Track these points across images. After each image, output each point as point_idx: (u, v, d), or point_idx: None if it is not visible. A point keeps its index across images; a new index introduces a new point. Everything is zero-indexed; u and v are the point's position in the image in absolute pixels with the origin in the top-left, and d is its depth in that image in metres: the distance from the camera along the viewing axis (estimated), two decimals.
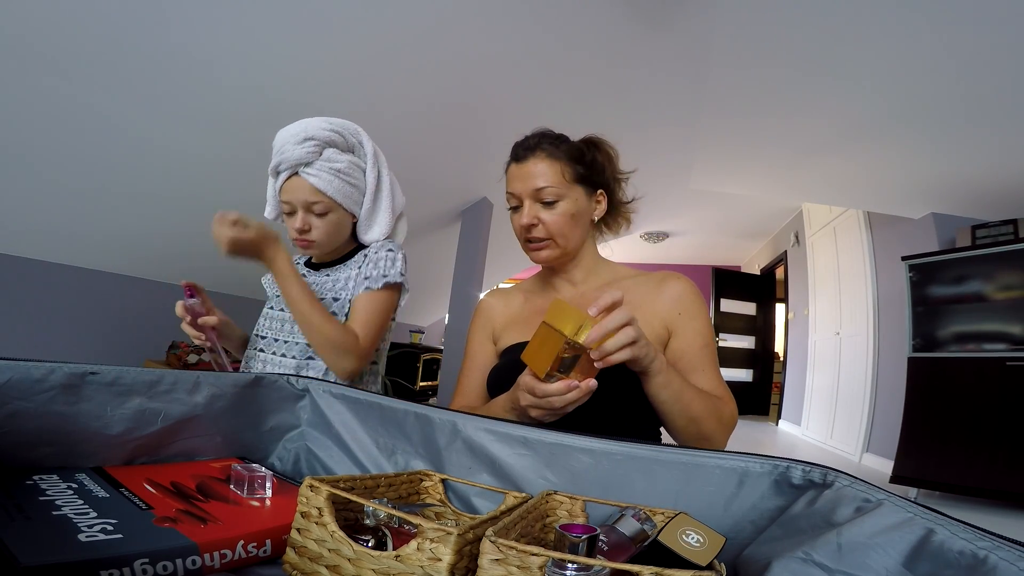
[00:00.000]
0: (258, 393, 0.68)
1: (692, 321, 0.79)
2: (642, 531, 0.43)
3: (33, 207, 2.17)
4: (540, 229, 0.81)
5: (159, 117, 2.08)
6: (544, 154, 0.81)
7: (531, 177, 0.80)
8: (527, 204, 0.81)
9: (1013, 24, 1.83)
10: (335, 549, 0.40)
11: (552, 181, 0.80)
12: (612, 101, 2.81)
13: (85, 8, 1.61)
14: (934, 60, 2.09)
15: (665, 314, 0.80)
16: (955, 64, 2.09)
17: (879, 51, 2.10)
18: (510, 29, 2.19)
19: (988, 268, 2.86)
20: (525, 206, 0.81)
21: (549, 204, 0.80)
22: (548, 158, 0.81)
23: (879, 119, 2.60)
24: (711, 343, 0.79)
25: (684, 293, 0.81)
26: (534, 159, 0.81)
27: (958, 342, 2.93)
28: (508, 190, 0.84)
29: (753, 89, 2.55)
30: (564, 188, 0.81)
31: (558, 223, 0.80)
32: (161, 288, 2.88)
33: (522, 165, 0.82)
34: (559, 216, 0.80)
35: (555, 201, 0.80)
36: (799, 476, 0.45)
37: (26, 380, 0.47)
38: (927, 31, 1.94)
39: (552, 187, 0.80)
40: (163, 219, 2.53)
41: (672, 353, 0.79)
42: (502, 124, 2.78)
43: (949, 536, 0.31)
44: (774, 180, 3.74)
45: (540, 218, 0.81)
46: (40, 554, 0.34)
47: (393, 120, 2.58)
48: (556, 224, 0.80)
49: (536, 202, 0.81)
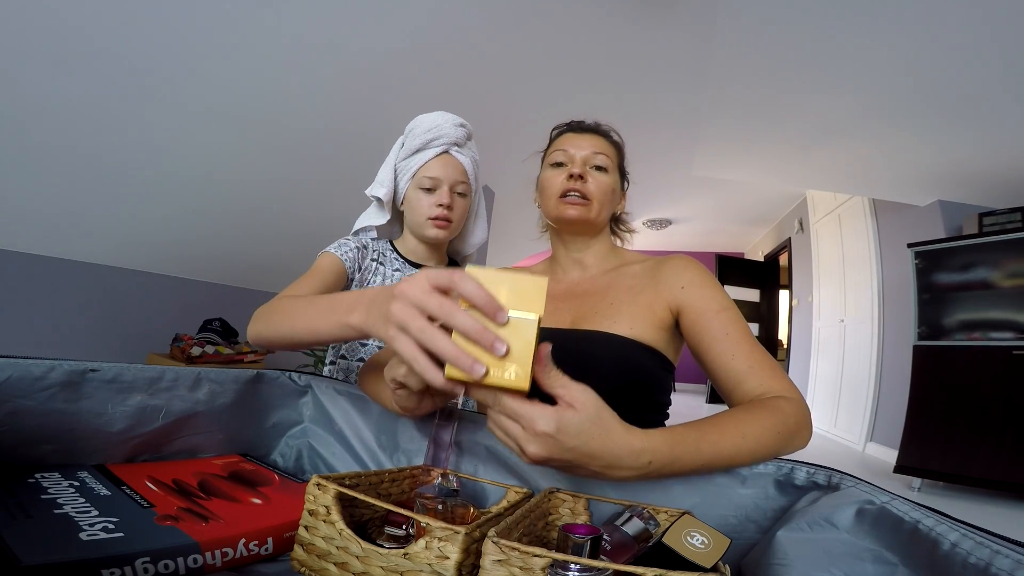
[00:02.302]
0: (260, 389, 0.68)
1: (700, 289, 0.73)
2: (645, 530, 0.43)
3: (35, 202, 2.17)
4: (587, 184, 0.83)
5: (162, 112, 2.06)
6: (603, 135, 0.88)
7: (591, 145, 0.85)
8: (579, 161, 0.84)
9: (1022, 10, 1.79)
10: (343, 546, 0.41)
11: (608, 155, 0.85)
12: (614, 88, 2.78)
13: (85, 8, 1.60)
14: (942, 46, 2.05)
15: (667, 294, 0.76)
16: (963, 50, 2.05)
17: (885, 36, 2.06)
18: (511, 19, 2.16)
19: (995, 256, 2.83)
20: (576, 162, 0.84)
21: (600, 169, 0.84)
22: (606, 140, 0.87)
23: (885, 105, 2.56)
24: (730, 308, 0.70)
25: (684, 268, 0.77)
26: (595, 135, 0.87)
27: (964, 330, 2.91)
28: (558, 148, 0.86)
29: (756, 75, 2.52)
30: (612, 166, 0.86)
31: (602, 188, 0.83)
32: (164, 281, 2.88)
33: (582, 135, 0.86)
34: (604, 183, 0.84)
35: (605, 169, 0.84)
36: (803, 477, 0.44)
37: (26, 378, 0.47)
38: (934, 16, 1.90)
39: (607, 157, 0.85)
40: (166, 212, 2.53)
41: (691, 331, 0.72)
42: (504, 113, 2.77)
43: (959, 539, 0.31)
44: (778, 167, 3.70)
45: (589, 176, 0.83)
46: (41, 553, 0.34)
47: (397, 109, 2.56)
48: (600, 187, 0.83)
49: (587, 164, 0.84)
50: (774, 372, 0.62)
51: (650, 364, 0.73)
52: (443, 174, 1.01)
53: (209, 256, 2.96)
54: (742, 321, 0.69)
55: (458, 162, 1.02)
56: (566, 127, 0.90)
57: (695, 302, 0.72)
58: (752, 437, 0.49)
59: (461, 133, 1.03)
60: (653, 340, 0.73)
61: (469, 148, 1.06)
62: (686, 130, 3.33)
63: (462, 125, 1.04)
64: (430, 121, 1.02)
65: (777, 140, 3.20)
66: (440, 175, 1.01)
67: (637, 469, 0.43)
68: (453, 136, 1.01)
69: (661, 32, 2.33)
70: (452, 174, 1.01)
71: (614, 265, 0.87)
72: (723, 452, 0.48)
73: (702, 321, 0.70)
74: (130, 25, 1.71)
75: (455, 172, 1.02)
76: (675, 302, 0.75)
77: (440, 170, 1.01)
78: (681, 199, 5.53)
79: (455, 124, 1.02)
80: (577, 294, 0.84)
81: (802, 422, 0.55)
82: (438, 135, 1.01)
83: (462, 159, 1.02)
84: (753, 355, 0.64)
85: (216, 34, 1.85)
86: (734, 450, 0.48)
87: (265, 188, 2.66)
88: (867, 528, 0.37)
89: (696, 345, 0.71)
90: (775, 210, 6.14)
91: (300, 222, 2.94)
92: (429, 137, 1.01)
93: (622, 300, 0.78)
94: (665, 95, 2.88)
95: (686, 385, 8.01)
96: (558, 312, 0.82)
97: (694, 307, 0.72)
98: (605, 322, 0.75)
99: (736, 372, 0.63)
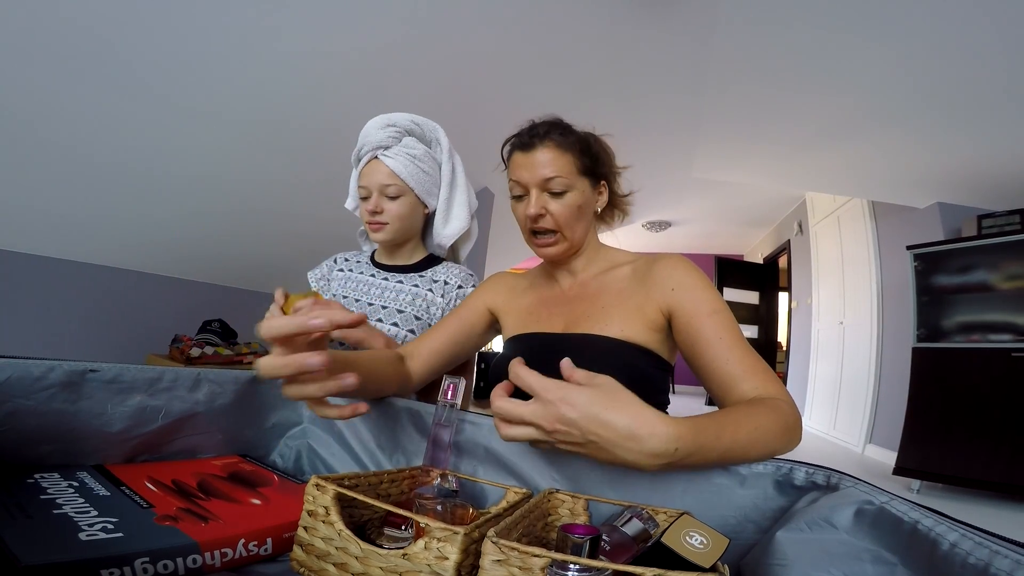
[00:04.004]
0: (260, 390, 0.68)
1: (690, 292, 0.72)
2: (644, 531, 0.43)
3: (35, 202, 2.17)
4: (548, 220, 0.79)
5: (162, 111, 2.07)
6: (554, 144, 0.79)
7: (540, 166, 0.78)
8: (534, 194, 0.79)
9: (1022, 11, 1.79)
10: (342, 547, 0.41)
11: (562, 172, 0.78)
12: (613, 90, 2.78)
13: (86, 8, 1.60)
14: (941, 48, 2.05)
15: (657, 296, 0.75)
16: (963, 52, 2.05)
17: (885, 37, 2.06)
18: (510, 20, 2.16)
19: (994, 258, 2.83)
20: (532, 196, 0.79)
21: (557, 195, 0.79)
22: (557, 148, 0.79)
23: (884, 107, 2.56)
24: (722, 310, 0.69)
25: (675, 268, 0.76)
26: (543, 148, 0.78)
27: (963, 332, 2.91)
28: (513, 178, 0.81)
29: (756, 76, 2.52)
30: (572, 179, 0.79)
31: (565, 214, 0.79)
32: (163, 282, 2.89)
33: (530, 154, 0.79)
34: (567, 207, 0.79)
35: (563, 192, 0.78)
36: (802, 477, 0.44)
37: (26, 378, 0.47)
38: (934, 18, 1.90)
39: (561, 178, 0.78)
40: (166, 213, 2.53)
41: (682, 334, 0.71)
42: (502, 114, 2.76)
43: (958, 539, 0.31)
44: (777, 169, 3.70)
45: (548, 208, 0.79)
46: (41, 553, 0.34)
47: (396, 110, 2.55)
48: (563, 215, 0.79)
49: (544, 192, 0.79)
50: (767, 376, 0.62)
51: (644, 364, 0.73)
52: (368, 181, 1.04)
53: (209, 257, 2.96)
54: (734, 323, 0.68)
55: (383, 166, 1.03)
56: (514, 142, 0.83)
57: (686, 305, 0.71)
58: (764, 430, 0.50)
59: (384, 135, 1.03)
60: (646, 341, 0.73)
61: (404, 147, 1.05)
62: (686, 132, 3.33)
63: (391, 125, 1.04)
64: (364, 130, 1.05)
65: (776, 142, 3.21)
66: (366, 183, 1.04)
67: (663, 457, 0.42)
68: (376, 140, 1.02)
69: (661, 33, 2.33)
70: (377, 179, 1.03)
71: (604, 268, 0.86)
72: (740, 442, 0.47)
73: (694, 324, 0.69)
74: (130, 26, 1.72)
75: (380, 176, 1.03)
76: (666, 304, 0.74)
77: (366, 178, 1.05)
78: (680, 201, 5.54)
79: (380, 127, 1.03)
80: (569, 299, 0.84)
81: (797, 423, 0.56)
82: (364, 142, 1.04)
83: (388, 161, 1.03)
84: (746, 359, 0.64)
85: (216, 34, 1.85)
86: (749, 441, 0.48)
87: (265, 188, 2.66)
88: (866, 528, 0.37)
89: (689, 348, 0.70)
90: (774, 212, 6.15)
91: (300, 223, 2.94)
92: (360, 146, 1.05)
93: (613, 303, 0.78)
94: (664, 96, 2.88)
95: (685, 387, 8.01)
96: (551, 317, 0.82)
97: (685, 310, 0.71)
98: (597, 325, 0.75)
99: (731, 376, 0.63)
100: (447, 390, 0.57)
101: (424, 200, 1.09)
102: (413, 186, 1.05)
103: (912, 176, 3.28)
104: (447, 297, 1.09)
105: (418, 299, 1.07)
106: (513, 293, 0.93)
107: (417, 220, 1.11)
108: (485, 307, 0.92)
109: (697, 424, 0.46)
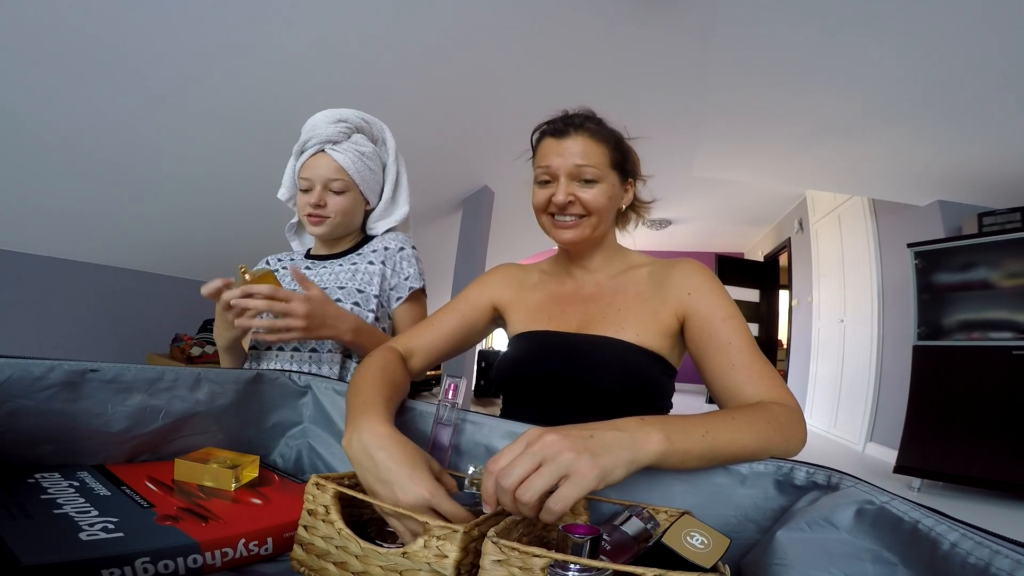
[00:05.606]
0: (260, 390, 0.68)
1: (706, 297, 0.73)
2: (645, 530, 0.42)
3: (35, 202, 2.17)
4: (576, 207, 0.79)
5: (162, 111, 2.07)
6: (588, 133, 0.78)
7: (573, 154, 0.77)
8: (563, 181, 0.78)
9: (1022, 10, 1.79)
10: (342, 546, 0.41)
11: (595, 162, 0.77)
12: (614, 88, 2.78)
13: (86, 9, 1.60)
14: (942, 46, 2.05)
15: (674, 300, 0.76)
16: (963, 50, 2.05)
17: (886, 36, 2.06)
18: (511, 20, 2.16)
19: (995, 256, 2.83)
20: (561, 182, 0.78)
21: (587, 183, 0.78)
22: (592, 138, 0.78)
23: (885, 105, 2.56)
24: (736, 316, 0.71)
25: (693, 273, 0.77)
26: (577, 136, 0.78)
27: (964, 330, 2.91)
28: (542, 164, 0.80)
29: (756, 75, 2.52)
30: (604, 171, 0.79)
31: (595, 203, 0.78)
32: (164, 281, 2.89)
33: (562, 140, 0.78)
34: (597, 196, 0.78)
35: (594, 181, 0.78)
36: (803, 477, 0.44)
37: (26, 378, 0.47)
38: (935, 17, 1.90)
39: (594, 167, 0.77)
40: (165, 214, 2.53)
41: (695, 338, 0.72)
42: (503, 112, 2.77)
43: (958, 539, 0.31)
44: (778, 167, 3.70)
45: (577, 195, 0.78)
46: (41, 553, 0.34)
47: (394, 109, 2.56)
48: (594, 202, 0.78)
49: (573, 180, 0.78)
50: (773, 382, 0.63)
51: (655, 370, 0.73)
52: (314, 174, 1.03)
53: (209, 256, 2.96)
54: (746, 330, 0.69)
55: (331, 160, 1.03)
56: (546, 129, 0.83)
57: (701, 309, 0.72)
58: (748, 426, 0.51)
59: (335, 130, 1.03)
60: (658, 347, 0.73)
61: (353, 143, 1.05)
62: (686, 130, 3.33)
63: (341, 120, 1.04)
64: (310, 122, 1.05)
65: (777, 140, 3.20)
66: (311, 175, 1.03)
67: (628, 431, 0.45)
68: (325, 134, 1.02)
69: (661, 32, 2.33)
70: (324, 173, 1.03)
71: (621, 269, 0.86)
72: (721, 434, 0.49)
73: (708, 328, 0.70)
74: (130, 26, 1.71)
75: (327, 171, 1.03)
76: (682, 308, 0.75)
77: (311, 170, 1.04)
78: (681, 199, 5.53)
79: (329, 122, 1.03)
80: (583, 298, 0.83)
81: (796, 426, 0.56)
82: (311, 135, 1.03)
83: (337, 156, 1.03)
84: (753, 365, 0.64)
85: (216, 35, 1.85)
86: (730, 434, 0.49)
87: (265, 188, 2.65)
88: (867, 528, 0.37)
89: (699, 352, 0.70)
90: (775, 210, 6.14)
91: None
92: (305, 138, 1.04)
93: (629, 306, 0.77)
94: (665, 95, 2.88)
95: (686, 385, 8.01)
96: (565, 316, 0.81)
97: (700, 314, 0.72)
98: (612, 328, 0.74)
99: (736, 381, 0.64)
100: (448, 390, 0.57)
101: (367, 196, 1.10)
102: (359, 182, 1.06)
103: (913, 174, 3.28)
104: (390, 263, 1.09)
105: (358, 273, 1.07)
106: (521, 287, 0.91)
107: (358, 216, 1.12)
108: (489, 302, 0.91)
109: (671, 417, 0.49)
